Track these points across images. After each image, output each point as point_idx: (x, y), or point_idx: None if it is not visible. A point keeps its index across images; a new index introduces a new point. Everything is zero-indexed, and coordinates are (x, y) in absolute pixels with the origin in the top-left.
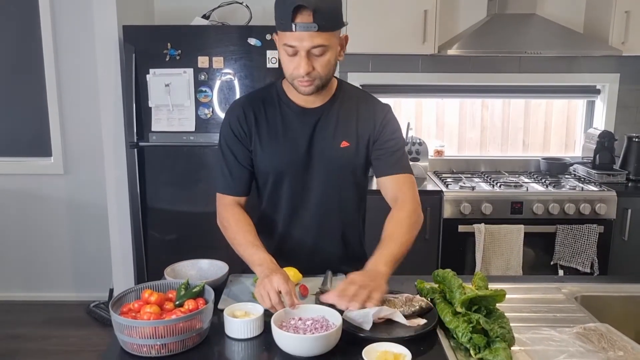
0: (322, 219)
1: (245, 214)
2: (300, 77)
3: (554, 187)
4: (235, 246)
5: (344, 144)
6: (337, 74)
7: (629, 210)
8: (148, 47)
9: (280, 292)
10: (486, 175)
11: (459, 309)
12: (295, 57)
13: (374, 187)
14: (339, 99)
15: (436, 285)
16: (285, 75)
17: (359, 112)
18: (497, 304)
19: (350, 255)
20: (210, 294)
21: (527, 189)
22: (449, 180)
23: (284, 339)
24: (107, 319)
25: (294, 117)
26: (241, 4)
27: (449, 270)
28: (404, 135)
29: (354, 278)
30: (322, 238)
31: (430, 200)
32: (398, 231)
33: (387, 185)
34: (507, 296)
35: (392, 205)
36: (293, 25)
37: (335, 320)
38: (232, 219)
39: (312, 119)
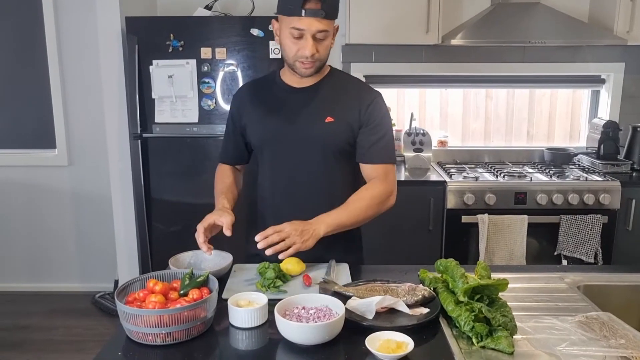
0: (310, 192)
1: (228, 169)
2: (305, 58)
3: (558, 177)
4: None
5: (329, 119)
6: (339, 64)
7: (633, 201)
8: (151, 38)
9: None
10: (490, 166)
11: (461, 298)
12: (301, 40)
13: None
14: (329, 81)
15: (439, 275)
16: (287, 58)
17: (346, 93)
18: (500, 293)
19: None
20: (214, 283)
21: (531, 180)
22: (452, 170)
23: (287, 328)
24: (112, 309)
25: (285, 95)
26: None
27: (451, 259)
28: (409, 126)
29: (289, 227)
30: (311, 211)
31: (434, 191)
32: (356, 205)
33: (365, 171)
34: (509, 285)
35: None
36: (303, 11)
37: (338, 309)
38: (217, 173)
39: (301, 96)
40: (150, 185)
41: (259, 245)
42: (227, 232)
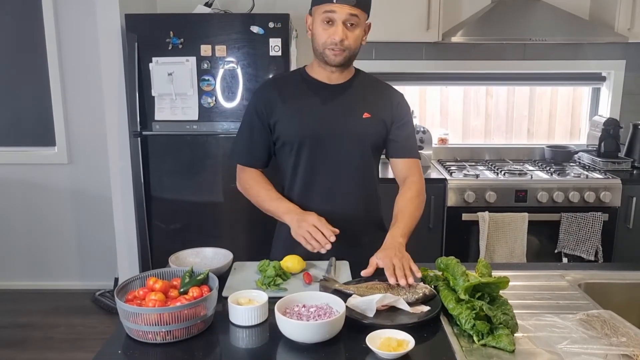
0: (346, 188)
1: (263, 175)
2: (334, 44)
3: (558, 175)
4: (260, 203)
5: (366, 115)
6: None
7: (634, 199)
8: (150, 35)
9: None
10: (490, 164)
11: (462, 296)
12: (332, 26)
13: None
14: (358, 79)
15: (440, 273)
16: (317, 46)
17: (376, 91)
18: (501, 291)
19: (370, 223)
20: (214, 281)
21: (532, 177)
22: (453, 168)
23: (287, 326)
24: (112, 307)
25: (318, 91)
26: None
27: (452, 257)
28: None
29: (388, 256)
30: (345, 207)
31: (434, 189)
32: (409, 207)
33: (399, 166)
34: (510, 283)
35: (400, 183)
36: None
37: (338, 307)
38: (252, 181)
39: (335, 92)
40: (150, 183)
41: (392, 281)
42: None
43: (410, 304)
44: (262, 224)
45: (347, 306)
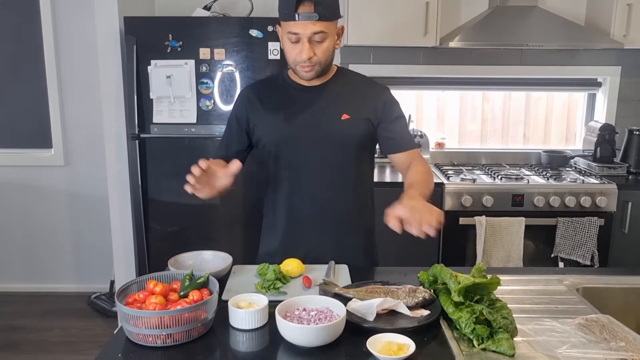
0: (327, 189)
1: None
2: (303, 62)
3: (554, 179)
4: None
5: (344, 116)
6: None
7: (629, 203)
8: (149, 38)
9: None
10: (487, 168)
11: (456, 299)
12: (298, 44)
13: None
14: (339, 79)
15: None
16: (289, 62)
17: (358, 91)
18: (500, 295)
19: (357, 226)
20: (214, 284)
21: (528, 182)
22: (450, 172)
23: (288, 330)
24: (108, 310)
25: (296, 94)
26: None
27: (435, 265)
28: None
29: (413, 205)
30: (328, 208)
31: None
32: (421, 177)
33: (401, 159)
34: (509, 287)
35: (406, 170)
36: (296, 15)
37: (339, 311)
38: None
39: (313, 94)
40: (147, 186)
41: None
42: (235, 165)
43: (410, 308)
44: (259, 227)
45: (347, 310)
